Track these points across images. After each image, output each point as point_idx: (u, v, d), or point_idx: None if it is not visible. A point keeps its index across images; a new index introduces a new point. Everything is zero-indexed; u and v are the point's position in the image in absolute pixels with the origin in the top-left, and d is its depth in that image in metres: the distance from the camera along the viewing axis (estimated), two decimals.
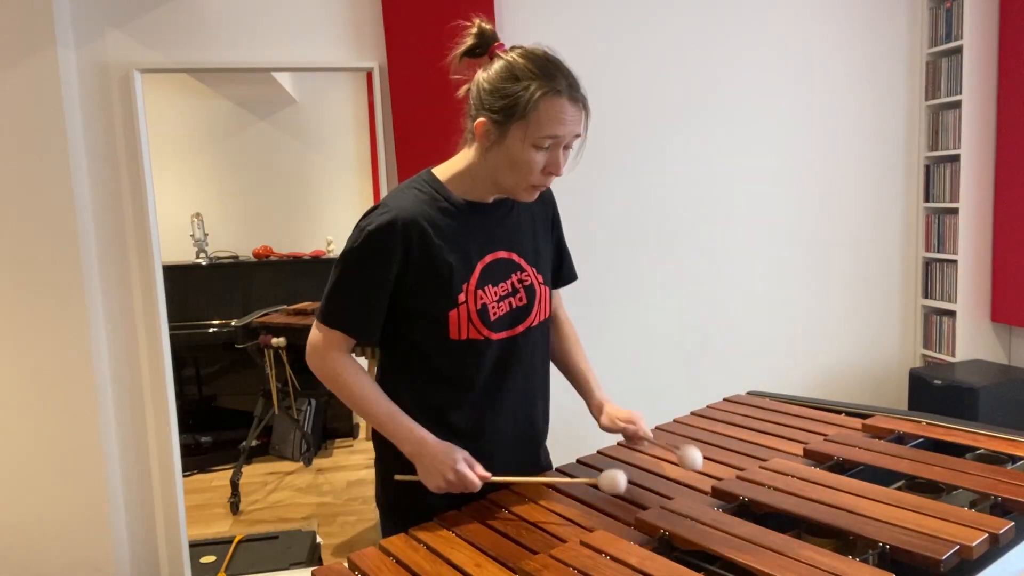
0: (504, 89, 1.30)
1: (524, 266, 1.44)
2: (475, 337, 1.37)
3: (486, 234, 1.40)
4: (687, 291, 3.24)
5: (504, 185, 1.35)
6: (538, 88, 1.27)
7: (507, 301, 1.40)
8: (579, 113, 1.31)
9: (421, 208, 1.34)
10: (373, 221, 1.32)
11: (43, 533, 2.64)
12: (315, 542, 3.07)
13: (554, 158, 1.31)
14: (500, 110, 1.30)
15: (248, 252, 4.70)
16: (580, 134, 1.33)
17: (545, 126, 1.27)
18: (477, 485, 1.30)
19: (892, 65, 3.36)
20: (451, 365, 1.39)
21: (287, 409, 4.14)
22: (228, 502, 3.70)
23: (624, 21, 3.06)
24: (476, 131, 1.34)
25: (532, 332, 1.45)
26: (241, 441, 3.99)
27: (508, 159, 1.31)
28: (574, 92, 1.30)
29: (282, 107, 4.89)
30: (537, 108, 1.27)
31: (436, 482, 1.30)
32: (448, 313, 1.35)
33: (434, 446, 1.32)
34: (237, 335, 4.02)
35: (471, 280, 1.36)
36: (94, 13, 2.64)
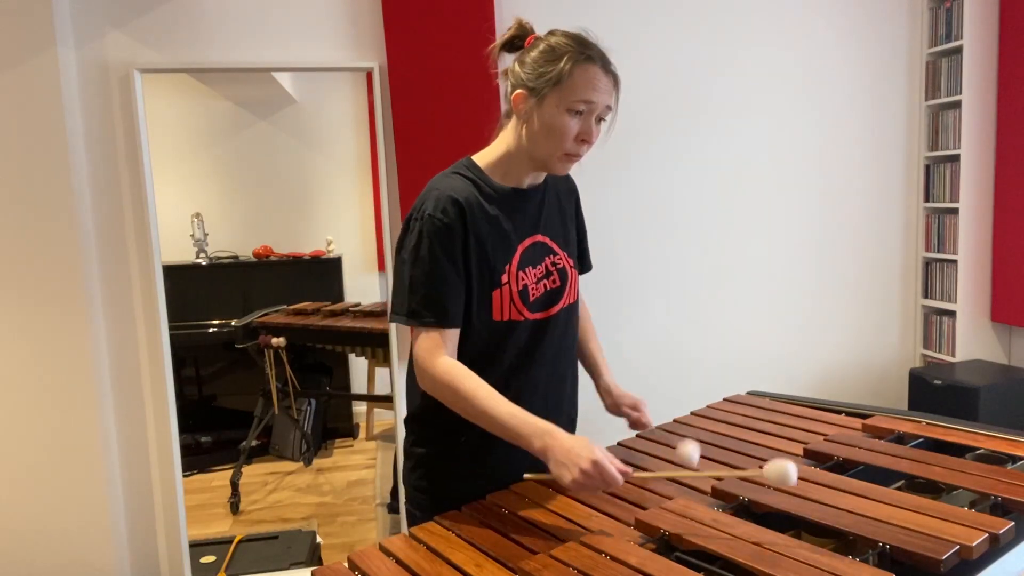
0: (543, 60, 1.38)
1: (556, 250, 1.51)
2: (515, 318, 1.43)
3: (524, 218, 1.46)
4: (687, 290, 3.24)
5: (539, 155, 1.41)
6: (573, 55, 1.36)
7: (543, 283, 1.47)
8: (611, 84, 1.39)
9: (470, 191, 1.41)
10: (432, 206, 1.38)
11: (43, 533, 2.64)
12: (315, 542, 3.07)
13: (587, 125, 1.37)
14: (537, 78, 1.37)
15: (248, 252, 4.69)
16: (612, 106, 1.40)
17: (579, 90, 1.35)
18: (619, 480, 1.21)
19: (892, 65, 3.36)
20: (487, 345, 1.42)
21: (287, 409, 4.14)
22: (228, 502, 3.70)
23: (625, 21, 3.05)
24: (514, 103, 1.41)
25: (562, 313, 1.51)
26: (241, 441, 3.99)
27: (544, 127, 1.37)
28: (606, 63, 1.39)
29: (282, 107, 4.88)
30: (572, 74, 1.35)
31: (572, 475, 1.20)
32: (492, 293, 1.40)
33: (568, 439, 1.25)
34: (237, 335, 4.02)
35: (512, 262, 1.43)
36: (94, 13, 2.64)
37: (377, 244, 4.83)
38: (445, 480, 1.47)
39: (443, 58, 2.80)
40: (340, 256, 4.74)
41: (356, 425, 4.76)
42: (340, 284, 4.68)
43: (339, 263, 4.71)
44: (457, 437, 1.42)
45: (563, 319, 1.51)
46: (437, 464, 1.48)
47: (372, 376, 4.46)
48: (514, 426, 1.29)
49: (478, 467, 1.45)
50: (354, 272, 4.87)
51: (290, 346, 3.88)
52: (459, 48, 2.81)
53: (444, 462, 1.48)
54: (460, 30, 2.80)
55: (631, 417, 1.56)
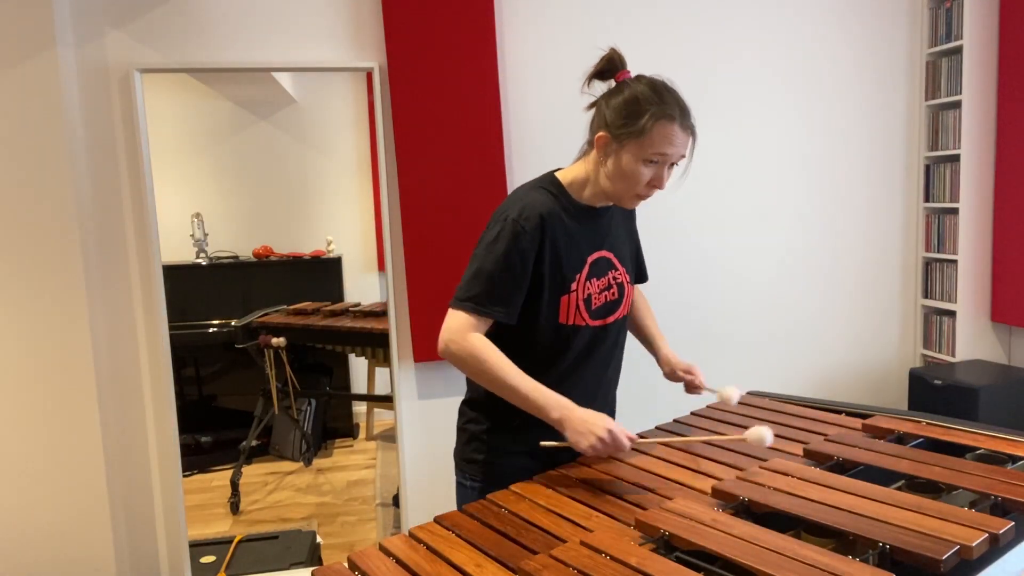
0: (626, 111, 1.49)
1: (618, 265, 1.66)
2: (579, 323, 1.58)
3: (595, 234, 1.61)
4: (686, 290, 3.24)
5: (612, 193, 1.55)
6: (656, 112, 1.46)
7: (604, 295, 1.62)
8: (687, 138, 1.52)
9: (553, 207, 1.55)
10: (520, 214, 1.51)
11: (43, 533, 2.64)
12: (315, 542, 3.07)
13: (659, 174, 1.51)
14: (621, 126, 1.49)
15: (248, 252, 4.69)
16: (685, 155, 1.53)
17: (657, 145, 1.47)
18: (626, 446, 1.45)
19: (892, 65, 3.36)
20: (551, 346, 1.58)
21: (287, 409, 4.14)
22: (228, 502, 3.70)
23: (625, 21, 3.06)
24: (597, 143, 1.54)
25: (616, 324, 1.66)
26: (241, 441, 3.99)
27: (620, 170, 1.51)
28: (685, 119, 1.50)
29: (282, 107, 4.88)
30: (652, 130, 1.46)
31: (589, 441, 1.42)
32: (560, 298, 1.55)
33: (582, 411, 1.46)
34: (237, 335, 4.02)
35: (583, 272, 1.58)
36: (94, 13, 2.63)
37: (377, 244, 4.83)
38: (496, 453, 1.63)
39: (443, 58, 2.80)
40: (340, 256, 4.73)
41: (356, 425, 4.76)
42: (340, 284, 4.68)
43: (339, 263, 4.70)
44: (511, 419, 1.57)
45: (616, 329, 1.67)
46: (490, 439, 1.63)
47: (372, 376, 4.46)
48: (535, 398, 1.47)
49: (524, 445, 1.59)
50: (354, 272, 4.87)
51: (290, 346, 3.88)
52: (459, 48, 2.81)
53: (497, 437, 1.63)
54: (460, 30, 2.80)
55: (686, 380, 1.77)
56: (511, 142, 2.96)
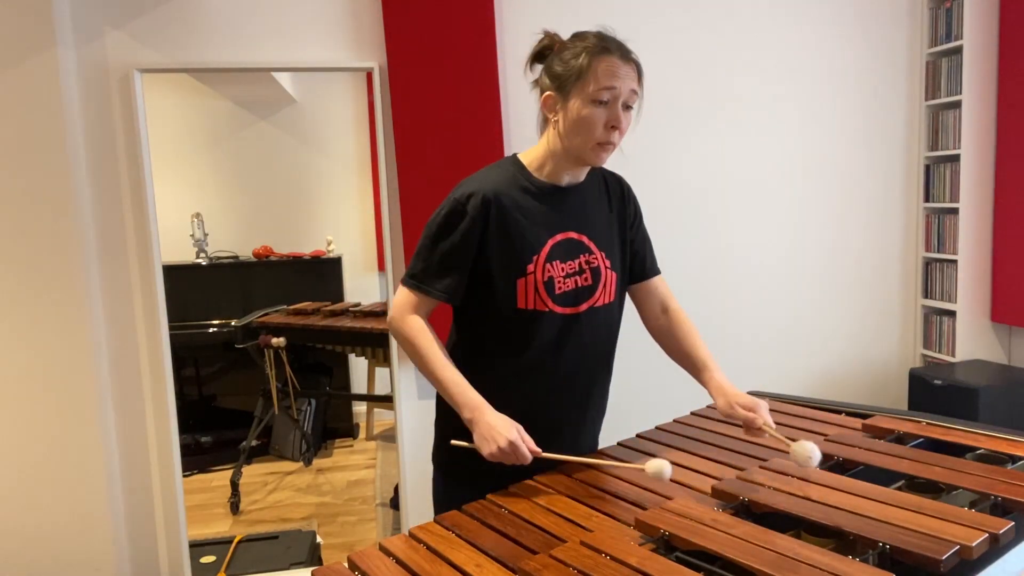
0: (562, 60, 1.47)
1: (593, 249, 1.56)
2: (540, 308, 1.50)
3: (560, 214, 1.53)
4: (686, 290, 3.24)
5: (574, 150, 1.48)
6: (590, 49, 1.44)
7: (573, 279, 1.53)
8: (632, 71, 1.46)
9: (503, 184, 1.50)
10: (463, 192, 1.48)
11: (43, 533, 2.64)
12: (315, 542, 3.07)
13: (614, 112, 1.44)
14: (560, 77, 1.46)
15: (248, 252, 4.70)
16: (636, 91, 1.46)
17: (600, 80, 1.42)
18: (528, 458, 1.37)
19: (892, 65, 3.36)
20: (512, 333, 1.51)
21: (287, 409, 4.14)
22: (228, 502, 3.70)
23: (626, 21, 3.06)
24: (544, 105, 1.50)
25: (594, 312, 1.56)
26: (241, 441, 4.00)
27: (573, 121, 1.45)
28: (625, 52, 1.46)
29: (282, 107, 4.89)
30: (591, 66, 1.43)
31: (490, 449, 1.37)
32: (517, 281, 1.48)
33: (492, 416, 1.40)
34: (237, 335, 4.02)
35: (541, 253, 1.49)
36: (94, 13, 2.64)
37: (377, 244, 4.84)
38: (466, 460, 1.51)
39: (443, 58, 2.80)
40: (340, 256, 4.74)
41: (356, 425, 4.76)
42: (340, 284, 4.68)
43: (339, 263, 4.71)
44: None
45: (594, 318, 1.56)
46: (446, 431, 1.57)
47: (372, 376, 4.47)
48: (452, 393, 1.45)
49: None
50: (354, 272, 4.88)
51: (290, 346, 3.88)
52: (459, 48, 2.81)
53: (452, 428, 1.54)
54: (460, 30, 2.80)
55: (747, 419, 1.45)
56: (511, 142, 2.96)
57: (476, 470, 1.47)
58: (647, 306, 1.72)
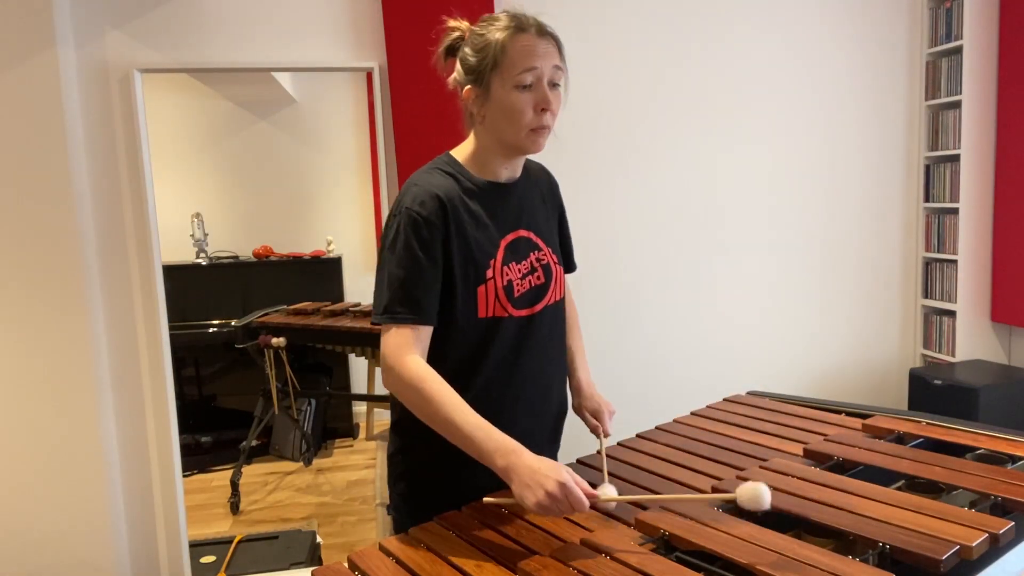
0: (475, 50, 1.36)
1: (541, 245, 1.48)
2: (500, 314, 1.39)
3: (507, 213, 1.44)
4: (686, 290, 3.24)
5: (508, 140, 1.38)
6: (501, 32, 1.33)
7: (528, 279, 1.44)
8: (551, 46, 1.35)
9: (451, 187, 1.38)
10: (414, 200, 1.34)
11: (43, 533, 2.64)
12: (315, 542, 3.07)
13: (541, 93, 1.34)
14: (475, 70, 1.35)
15: (248, 252, 4.70)
16: (560, 66, 1.36)
17: (519, 62, 1.32)
18: (585, 504, 1.15)
19: (892, 65, 3.36)
20: (473, 345, 1.39)
21: (287, 409, 4.14)
22: (228, 502, 3.70)
23: (625, 21, 3.05)
24: (466, 101, 1.39)
25: (548, 311, 1.48)
26: (241, 441, 3.99)
27: (500, 112, 1.35)
28: (541, 28, 1.35)
29: (282, 107, 4.89)
30: (506, 50, 1.32)
31: (537, 496, 1.14)
32: (477, 289, 1.37)
33: (534, 459, 1.19)
34: (237, 335, 4.02)
35: (497, 257, 1.39)
36: (94, 13, 2.63)
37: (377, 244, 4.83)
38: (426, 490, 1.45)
39: None
40: (340, 256, 4.74)
41: (356, 425, 4.76)
42: (340, 284, 4.68)
43: (339, 263, 4.71)
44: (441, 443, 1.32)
45: (549, 316, 1.48)
46: (419, 474, 1.46)
47: (372, 376, 4.47)
48: (479, 439, 1.23)
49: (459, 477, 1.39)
50: (354, 272, 4.88)
51: (290, 346, 3.87)
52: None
53: (426, 472, 1.45)
54: None
55: (589, 423, 1.50)
56: None
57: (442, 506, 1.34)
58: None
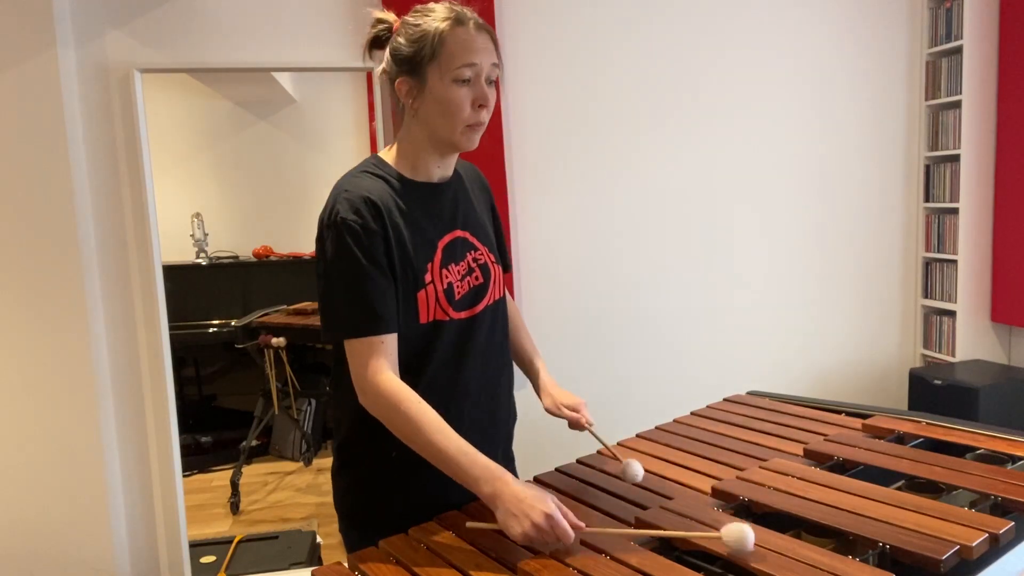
0: (410, 41, 1.30)
1: (477, 245, 1.43)
2: (440, 318, 1.34)
3: (441, 213, 1.38)
4: (686, 290, 3.24)
5: (442, 136, 1.32)
6: (439, 23, 1.28)
7: (467, 280, 1.39)
8: (488, 41, 1.30)
9: (381, 189, 1.31)
10: (344, 208, 1.27)
11: (43, 533, 2.64)
12: (315, 542, 3.07)
13: (479, 90, 1.30)
14: (410, 60, 1.30)
15: (248, 252, 4.70)
16: (497, 64, 1.32)
17: (458, 55, 1.27)
18: (571, 536, 1.13)
19: (892, 65, 3.36)
20: (414, 350, 1.32)
21: (287, 409, 4.14)
22: (228, 502, 3.70)
23: (625, 20, 3.05)
24: (399, 92, 1.33)
25: (487, 311, 1.42)
26: (241, 441, 3.99)
27: (436, 106, 1.30)
28: (477, 22, 1.30)
29: (282, 107, 4.89)
30: (445, 41, 1.27)
31: (522, 527, 1.12)
32: (416, 294, 1.31)
33: (520, 487, 1.16)
34: (237, 335, 4.02)
35: (435, 259, 1.34)
36: (94, 13, 2.63)
37: None
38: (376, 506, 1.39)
39: None
40: None
41: None
42: None
43: None
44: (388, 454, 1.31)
45: (489, 317, 1.43)
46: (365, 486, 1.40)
47: None
48: (464, 465, 1.19)
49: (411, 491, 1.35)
50: None
51: (290, 346, 3.87)
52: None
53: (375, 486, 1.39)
54: None
55: (570, 418, 1.48)
56: (511, 142, 2.96)
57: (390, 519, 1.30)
58: None
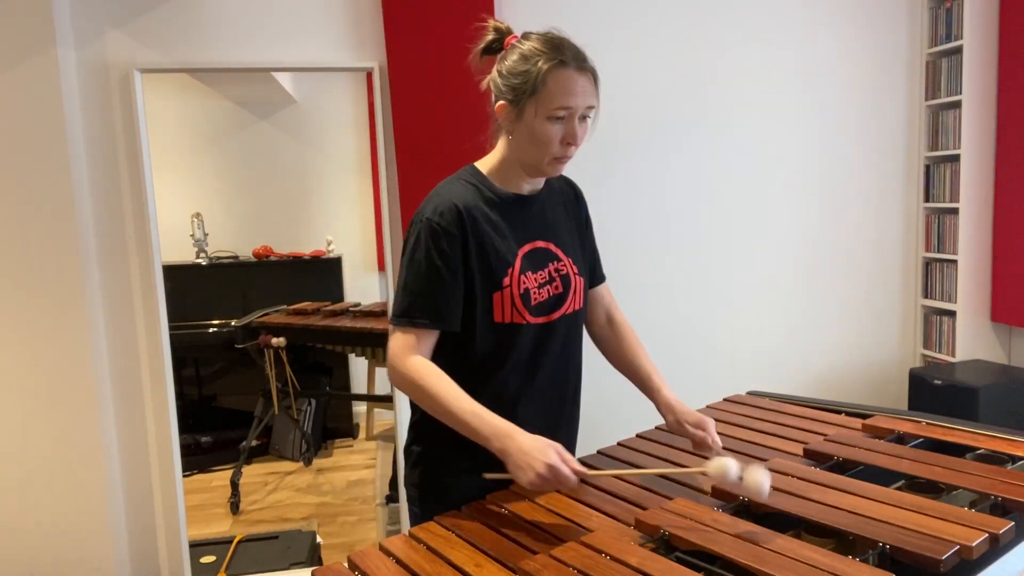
0: (516, 70, 1.39)
1: (560, 256, 1.52)
2: (517, 321, 1.44)
3: (526, 223, 1.49)
4: (687, 291, 3.24)
5: (529, 162, 1.44)
6: (545, 62, 1.36)
7: (546, 288, 1.48)
8: (589, 83, 1.39)
9: (471, 198, 1.43)
10: (434, 211, 1.40)
11: (43, 533, 2.64)
12: (315, 542, 3.07)
13: (570, 128, 1.38)
14: (514, 89, 1.39)
15: (248, 252, 4.69)
16: (593, 104, 1.40)
17: (556, 97, 1.35)
18: (573, 480, 1.26)
19: (892, 65, 3.36)
20: (492, 348, 1.45)
21: (287, 409, 4.14)
22: (228, 502, 3.70)
23: (625, 22, 3.05)
24: (499, 115, 1.44)
25: (566, 320, 1.52)
26: (241, 441, 3.99)
27: (528, 136, 1.40)
28: (581, 63, 1.38)
29: (282, 107, 4.89)
30: (546, 81, 1.35)
31: (528, 477, 1.25)
32: (492, 295, 1.42)
33: (525, 441, 1.28)
34: (237, 335, 4.02)
35: (515, 265, 1.44)
36: (94, 13, 2.63)
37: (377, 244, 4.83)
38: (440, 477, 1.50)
39: (443, 58, 2.80)
40: (340, 256, 4.74)
41: (356, 425, 4.75)
42: (340, 284, 4.68)
43: (339, 263, 4.71)
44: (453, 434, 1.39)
45: (565, 325, 1.52)
46: (433, 461, 1.51)
47: (372, 376, 4.46)
48: (475, 425, 1.32)
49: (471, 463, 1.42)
50: (354, 272, 4.87)
51: (290, 346, 3.87)
52: (459, 48, 2.80)
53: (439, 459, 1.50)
54: (460, 30, 2.80)
55: (696, 437, 1.48)
56: None
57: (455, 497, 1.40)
58: (593, 313, 1.68)
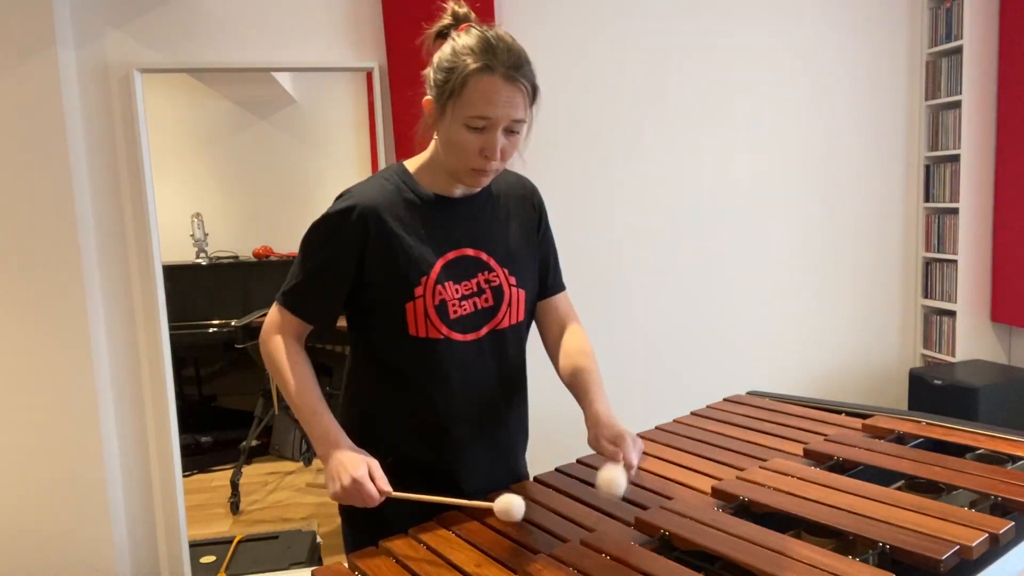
0: (443, 65, 1.24)
1: (493, 266, 1.37)
2: (434, 336, 1.32)
3: (452, 229, 1.35)
4: (687, 291, 3.24)
5: (449, 168, 1.31)
6: (473, 63, 1.20)
7: (471, 301, 1.34)
8: (517, 94, 1.22)
9: (384, 198, 1.32)
10: (337, 205, 1.33)
11: (43, 533, 2.64)
12: (315, 542, 3.07)
13: (489, 141, 1.23)
14: (439, 87, 1.25)
15: (248, 252, 4.69)
16: (521, 119, 1.24)
17: (475, 105, 1.21)
18: (375, 499, 1.20)
19: (892, 65, 3.36)
20: (411, 364, 1.34)
21: (287, 409, 4.13)
22: (228, 502, 3.70)
23: (625, 21, 3.05)
24: (424, 110, 1.31)
25: (499, 335, 1.38)
26: (241, 441, 3.99)
27: (446, 139, 1.27)
28: (512, 72, 1.20)
29: (282, 107, 4.88)
30: (467, 85, 1.20)
31: (333, 488, 1.21)
32: (405, 306, 1.30)
33: (343, 454, 1.23)
34: (237, 335, 4.01)
35: (431, 274, 1.31)
36: (94, 13, 2.63)
37: None
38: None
39: None
40: None
41: None
42: None
43: None
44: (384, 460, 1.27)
45: (497, 342, 1.38)
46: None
47: None
48: (311, 424, 1.30)
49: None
50: None
51: None
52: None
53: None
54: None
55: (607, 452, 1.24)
56: None
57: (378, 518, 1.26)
58: (545, 325, 1.50)
